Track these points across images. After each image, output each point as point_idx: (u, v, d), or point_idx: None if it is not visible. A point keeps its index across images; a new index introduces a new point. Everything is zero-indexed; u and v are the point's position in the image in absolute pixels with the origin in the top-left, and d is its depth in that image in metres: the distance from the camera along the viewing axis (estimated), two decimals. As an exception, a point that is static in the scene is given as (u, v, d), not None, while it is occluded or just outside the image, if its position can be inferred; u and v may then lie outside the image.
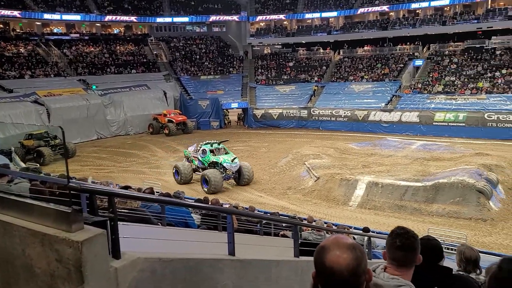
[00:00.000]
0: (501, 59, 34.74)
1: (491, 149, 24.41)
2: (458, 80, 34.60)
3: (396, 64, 39.68)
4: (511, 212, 16.12)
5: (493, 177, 17.86)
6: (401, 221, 15.87)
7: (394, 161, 21.72)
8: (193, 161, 22.50)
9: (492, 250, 12.53)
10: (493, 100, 31.02)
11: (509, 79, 32.39)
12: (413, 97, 34.62)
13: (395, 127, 33.19)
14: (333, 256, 1.53)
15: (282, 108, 39.27)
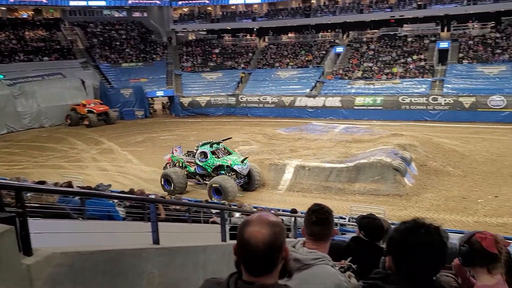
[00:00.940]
0: (412, 46, 37.42)
1: (405, 130, 26.28)
2: (375, 66, 36.71)
3: (319, 51, 41.07)
4: (422, 186, 17.55)
5: (407, 156, 19.24)
6: (327, 201, 16.51)
7: (319, 145, 22.57)
8: (187, 167, 18.91)
9: (408, 222, 13.57)
10: (406, 84, 33.43)
11: (420, 65, 35.04)
12: (335, 82, 36.16)
13: (320, 112, 34.47)
14: (251, 230, 1.58)
15: (210, 95, 38.95)
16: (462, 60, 34.08)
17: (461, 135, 25.96)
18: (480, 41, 35.02)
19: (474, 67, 32.90)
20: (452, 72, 33.22)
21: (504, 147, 22.75)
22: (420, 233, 1.74)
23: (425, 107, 31.60)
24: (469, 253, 2.32)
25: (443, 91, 31.67)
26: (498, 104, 29.37)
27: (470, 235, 2.40)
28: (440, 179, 18.38)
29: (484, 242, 2.29)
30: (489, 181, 17.81)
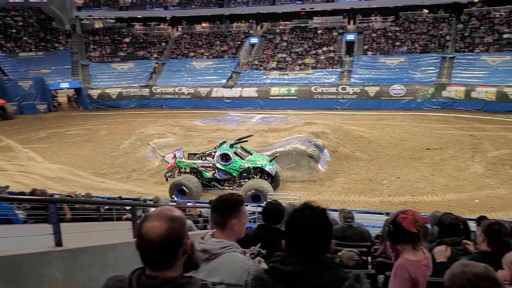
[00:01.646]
0: (322, 38, 39.08)
1: (318, 118, 27.44)
2: (288, 56, 37.74)
3: (234, 41, 41.11)
4: (334, 171, 18.50)
5: (320, 143, 20.11)
6: (245, 190, 16.74)
7: (237, 135, 22.57)
8: (203, 172, 16.20)
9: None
10: (317, 74, 34.90)
11: (329, 56, 36.74)
12: (251, 73, 36.53)
13: (237, 102, 34.64)
14: (148, 225, 1.60)
15: (121, 87, 37.10)
16: (367, 51, 36.43)
17: (367, 122, 27.79)
18: (382, 34, 37.68)
19: (378, 58, 35.36)
20: (358, 63, 35.37)
21: (404, 132, 24.83)
22: (305, 214, 1.79)
23: (335, 97, 33.30)
24: (394, 233, 2.51)
25: (351, 81, 33.63)
26: (398, 92, 31.94)
27: (395, 216, 2.57)
28: (350, 163, 19.51)
29: (405, 223, 2.49)
30: (392, 163, 19.31)
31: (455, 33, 35.70)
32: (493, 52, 32.14)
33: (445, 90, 31.06)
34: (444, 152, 20.55)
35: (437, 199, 15.10)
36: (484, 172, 17.65)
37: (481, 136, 22.92)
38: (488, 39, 33.54)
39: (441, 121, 27.41)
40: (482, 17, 35.94)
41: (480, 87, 29.69)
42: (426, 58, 33.81)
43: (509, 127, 24.76)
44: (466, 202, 14.76)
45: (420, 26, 37.25)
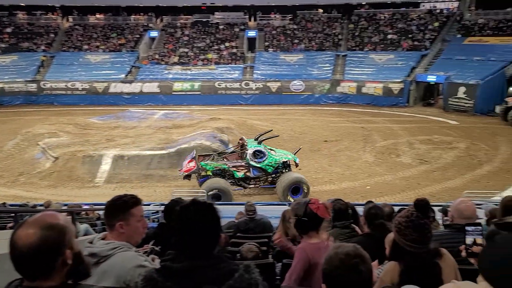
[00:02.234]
0: (224, 33, 39.21)
1: (222, 114, 27.51)
2: (191, 51, 37.20)
3: (132, 34, 39.30)
4: (240, 165, 18.69)
5: (225, 138, 20.18)
6: (148, 189, 16.12)
7: (138, 132, 21.72)
8: (234, 172, 14.89)
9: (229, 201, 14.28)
10: (221, 70, 34.96)
11: (232, 52, 37.03)
12: (152, 68, 35.28)
13: (137, 98, 33.20)
14: (20, 232, 1.51)
15: (3, 82, 33.27)
16: (268, 48, 37.46)
17: (270, 116, 28.60)
18: (281, 32, 39.03)
19: (278, 55, 36.57)
20: (260, 59, 36.20)
21: (304, 125, 26.05)
22: (191, 210, 1.79)
23: (239, 92, 33.70)
24: (307, 223, 2.64)
25: (254, 77, 34.32)
26: (298, 88, 33.42)
27: (304, 207, 2.67)
28: (254, 157, 19.87)
29: (320, 212, 2.64)
30: (294, 155, 20.10)
31: (346, 33, 38.40)
32: (380, 51, 35.27)
33: (339, 86, 33.29)
34: (340, 143, 21.98)
35: (335, 188, 16.09)
36: (374, 161, 19.26)
37: (371, 128, 24.98)
38: (375, 39, 36.68)
39: (336, 115, 29.30)
40: (370, 18, 39.18)
41: (369, 83, 32.37)
42: (322, 56, 35.86)
43: (394, 119, 27.36)
44: (359, 189, 15.96)
45: (316, 25, 39.35)
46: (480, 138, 22.33)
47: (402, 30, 36.87)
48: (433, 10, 38.75)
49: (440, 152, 20.12)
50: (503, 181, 16.39)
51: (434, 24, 36.56)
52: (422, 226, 2.28)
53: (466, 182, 16.27)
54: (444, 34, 35.34)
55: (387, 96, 31.73)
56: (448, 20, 36.79)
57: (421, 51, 34.18)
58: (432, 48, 34.20)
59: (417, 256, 2.29)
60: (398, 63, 33.58)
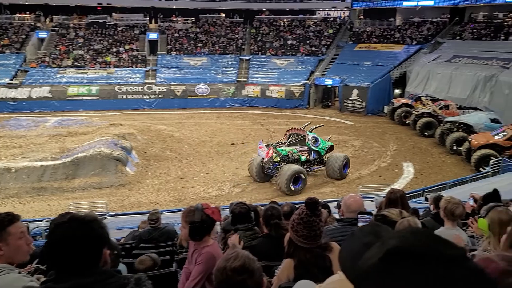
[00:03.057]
0: (123, 35, 37.54)
1: (124, 119, 26.29)
2: (86, 54, 34.94)
3: (17, 35, 35.73)
4: (144, 173, 18.00)
5: (127, 145, 19.26)
6: (41, 204, 14.72)
7: (28, 142, 19.79)
8: (300, 157, 16.87)
9: (133, 210, 13.62)
10: (121, 73, 33.36)
11: (132, 54, 35.61)
12: (42, 71, 32.40)
13: (25, 104, 30.22)
14: None
15: None
16: (171, 51, 36.73)
17: (176, 121, 28.06)
18: (184, 35, 38.56)
19: (182, 58, 36.05)
20: (163, 62, 35.33)
21: (211, 129, 26.01)
22: (64, 227, 1.66)
23: (141, 96, 32.51)
24: (204, 228, 2.67)
25: (157, 81, 33.37)
26: (203, 91, 33.28)
27: (201, 213, 2.69)
28: (160, 163, 19.31)
29: (215, 216, 2.71)
30: (201, 160, 19.95)
31: (249, 37, 39.28)
32: (281, 56, 36.69)
33: (244, 89, 33.90)
34: (246, 146, 22.34)
35: (242, 190, 16.28)
36: (279, 161, 19.91)
37: (275, 130, 25.80)
38: (276, 44, 38.08)
39: (242, 117, 29.77)
40: (270, 24, 40.59)
41: (272, 86, 33.47)
42: (226, 60, 36.20)
43: (296, 120, 28.56)
44: (266, 189, 16.37)
45: (219, 29, 39.61)
46: (372, 136, 24.37)
47: (300, 36, 38.82)
48: (328, 18, 41.47)
49: (337, 150, 21.51)
50: (392, 174, 18.08)
51: (329, 31, 39.12)
52: (311, 223, 2.37)
53: (361, 177, 17.62)
54: (338, 41, 37.99)
55: (289, 98, 33.10)
56: (341, 28, 39.65)
57: (318, 56, 36.33)
58: (328, 53, 36.56)
59: (308, 251, 2.36)
60: (298, 67, 35.28)
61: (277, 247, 3.13)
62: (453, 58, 29.24)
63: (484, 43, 30.51)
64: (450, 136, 20.56)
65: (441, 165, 19.41)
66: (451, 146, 20.35)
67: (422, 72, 29.62)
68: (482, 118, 21.02)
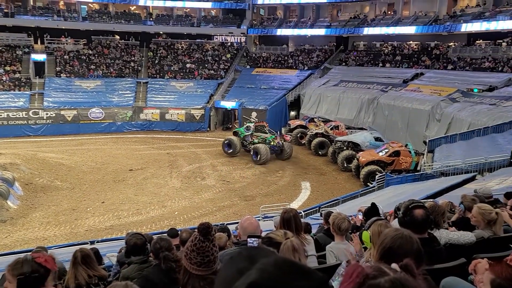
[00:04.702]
0: (3, 56, 34.10)
1: (5, 148, 23.72)
2: (-42, 76, 30.94)
3: None
4: (30, 206, 16.31)
5: (9, 176, 17.38)
6: None
7: None
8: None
9: (16, 249, 12.15)
10: (1, 97, 30.11)
11: (14, 77, 32.46)
12: None
13: None
14: None
15: None
16: (60, 73, 34.27)
17: (66, 147, 26.06)
18: (75, 56, 36.33)
19: (73, 81, 33.82)
20: (51, 85, 32.75)
21: (107, 155, 24.62)
22: None
23: (26, 122, 29.64)
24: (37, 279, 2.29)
25: (44, 105, 30.74)
26: (97, 116, 31.48)
27: (30, 263, 2.31)
28: (49, 195, 17.69)
29: (49, 264, 2.33)
30: (96, 189, 18.71)
31: (146, 60, 38.46)
32: (180, 79, 36.50)
33: (142, 113, 32.86)
34: (146, 171, 21.57)
35: (142, 218, 15.60)
36: (181, 186, 19.57)
37: (176, 154, 25.37)
38: (175, 67, 37.84)
39: (141, 142, 28.74)
40: (168, 47, 40.29)
41: (172, 109, 32.99)
42: (122, 82, 34.86)
43: (197, 144, 28.52)
44: (168, 215, 15.91)
45: (113, 51, 38.13)
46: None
47: (199, 60, 39.15)
48: (225, 43, 42.55)
49: (239, 172, 21.87)
50: (291, 193, 18.89)
51: (227, 55, 40.10)
52: (204, 248, 2.30)
53: (262, 198, 18.08)
54: (235, 65, 39.10)
55: (189, 121, 32.92)
56: (238, 53, 40.94)
57: (217, 79, 36.91)
58: (227, 77, 37.38)
59: (203, 279, 2.31)
60: (198, 90, 35.41)
61: (166, 277, 3.06)
62: (341, 83, 32.01)
63: (365, 69, 33.99)
64: (341, 154, 22.24)
65: (335, 181, 20.83)
66: (342, 163, 22.00)
67: (314, 95, 31.81)
68: (367, 137, 23.17)
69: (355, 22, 37.69)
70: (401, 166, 19.45)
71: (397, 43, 35.94)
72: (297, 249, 2.55)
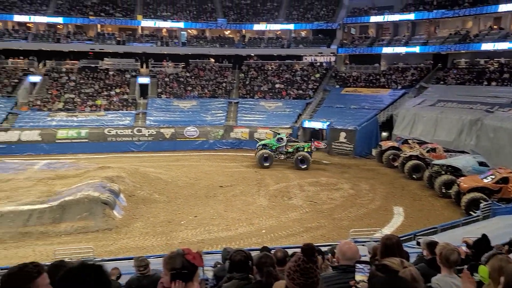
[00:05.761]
0: (114, 79, 38.04)
1: (113, 162, 26.14)
2: (77, 97, 35.17)
3: (10, 79, 35.96)
4: (132, 217, 17.68)
5: (115, 188, 19.03)
6: (26, 249, 14.27)
7: (15, 185, 19.44)
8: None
9: (120, 255, 13.24)
10: (111, 116, 33.51)
11: (123, 98, 35.94)
12: (33, 114, 32.42)
13: (14, 147, 29.96)
14: None
15: None
16: (161, 94, 37.19)
17: (164, 163, 27.95)
18: (174, 79, 39.22)
19: (171, 101, 36.47)
20: (153, 105, 35.68)
21: (199, 171, 25.92)
22: (76, 274, 1.70)
23: (130, 139, 32.51)
24: (186, 275, 2.53)
25: (146, 123, 33.53)
26: (192, 134, 33.44)
27: (181, 259, 2.58)
28: (148, 207, 19.03)
29: (197, 262, 2.59)
30: (190, 203, 19.73)
31: (238, 81, 40.12)
32: (269, 99, 37.38)
33: (232, 131, 34.17)
34: (235, 188, 22.24)
35: (231, 234, 16.02)
36: (268, 204, 19.79)
37: (263, 172, 25.81)
38: (264, 87, 38.90)
39: (231, 160, 29.80)
40: (259, 69, 41.64)
41: (260, 128, 33.82)
42: (215, 103, 36.72)
43: (284, 163, 28.69)
44: (255, 233, 16.15)
45: (208, 73, 40.44)
46: (361, 179, 24.49)
47: (288, 80, 39.78)
48: (314, 63, 42.75)
49: (327, 193, 21.53)
50: (382, 218, 18.04)
51: (315, 75, 40.21)
52: (307, 270, 2.33)
53: (351, 221, 17.52)
54: (324, 84, 38.98)
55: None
56: (327, 72, 40.81)
57: (305, 99, 37.09)
58: (315, 96, 37.37)
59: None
60: (286, 110, 35.89)
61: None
62: (438, 102, 30.10)
63: (467, 88, 31.54)
64: (438, 179, 20.77)
65: (431, 208, 19.48)
66: (440, 189, 20.51)
67: (408, 115, 30.33)
68: (469, 161, 21.36)
69: (455, 39, 35.40)
70: (509, 195, 17.55)
71: (505, 60, 32.97)
72: (417, 279, 2.45)
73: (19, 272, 2.02)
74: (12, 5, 39.38)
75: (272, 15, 44.34)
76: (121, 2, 42.89)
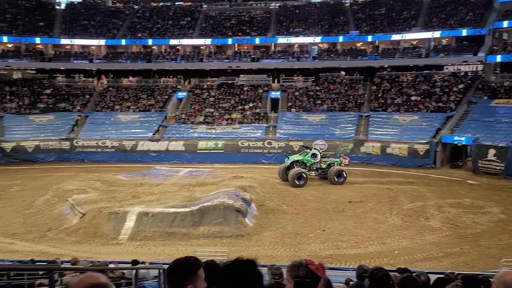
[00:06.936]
0: (248, 94, 40.46)
1: (245, 172, 27.66)
2: (216, 111, 38.32)
3: (161, 95, 41.01)
4: (262, 225, 18.44)
5: (247, 197, 20.10)
6: (170, 248, 15.99)
7: (163, 189, 21.98)
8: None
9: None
10: (244, 129, 35.67)
11: (255, 112, 37.95)
12: (178, 127, 36.37)
13: (163, 156, 33.95)
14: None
15: (39, 139, 34.80)
16: (291, 108, 38.21)
17: (293, 175, 28.46)
18: (304, 93, 39.94)
19: (301, 115, 37.17)
20: (283, 118, 36.86)
21: (328, 185, 25.75)
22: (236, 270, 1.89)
23: (261, 151, 34.05)
24: (309, 285, 2.52)
25: (276, 136, 34.77)
26: (321, 147, 33.37)
27: (305, 268, 2.57)
28: (277, 217, 19.62)
29: (320, 272, 2.55)
30: (317, 216, 19.74)
31: (369, 94, 38.94)
32: (403, 112, 35.38)
33: (363, 146, 33.20)
34: (365, 205, 21.52)
35: (361, 252, 15.54)
36: (401, 224, 18.66)
37: (396, 190, 24.45)
38: (398, 100, 36.97)
39: (360, 175, 28.92)
40: (392, 81, 39.78)
41: (393, 143, 32.18)
42: (344, 116, 36.22)
43: (420, 181, 26.80)
44: (387, 253, 15.36)
45: (338, 87, 40.16)
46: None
47: (425, 92, 37.13)
48: (458, 73, 39.10)
49: (471, 216, 19.38)
50: (541, 248, 15.51)
51: (458, 86, 36.71)
52: None
53: (501, 249, 15.46)
54: (469, 96, 35.30)
55: (412, 157, 31.31)
56: (473, 83, 36.93)
57: (446, 112, 34.09)
58: (458, 109, 34.09)
59: None
60: (423, 124, 33.49)
61: None
62: None
63: None
64: None
65: None
66: None
67: None
68: None
69: None
70: None
71: None
72: None
73: (186, 262, 2.31)
74: (165, 31, 45.01)
75: (409, 24, 42.05)
76: (257, 21, 45.53)
